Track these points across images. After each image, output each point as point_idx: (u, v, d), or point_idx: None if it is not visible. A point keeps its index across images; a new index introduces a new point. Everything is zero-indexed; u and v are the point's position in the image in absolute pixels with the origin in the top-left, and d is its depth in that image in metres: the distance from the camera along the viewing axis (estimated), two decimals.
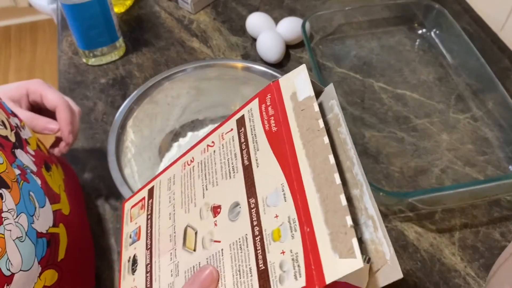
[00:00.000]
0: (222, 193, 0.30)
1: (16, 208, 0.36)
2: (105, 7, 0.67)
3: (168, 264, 0.32)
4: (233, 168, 0.30)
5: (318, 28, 0.76)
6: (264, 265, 0.25)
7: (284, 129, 0.28)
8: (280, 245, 0.25)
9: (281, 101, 0.30)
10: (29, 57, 1.94)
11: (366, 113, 0.66)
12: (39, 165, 0.43)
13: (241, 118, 0.32)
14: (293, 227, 0.25)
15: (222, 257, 0.28)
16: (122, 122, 0.54)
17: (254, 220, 0.27)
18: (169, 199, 0.35)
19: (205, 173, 0.33)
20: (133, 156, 0.55)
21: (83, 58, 0.74)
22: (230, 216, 0.29)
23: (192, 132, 0.63)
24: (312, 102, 0.28)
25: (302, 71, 0.29)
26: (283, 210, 0.26)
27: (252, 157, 0.29)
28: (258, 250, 0.26)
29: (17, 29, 2.07)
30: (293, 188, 0.26)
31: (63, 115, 0.49)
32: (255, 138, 0.30)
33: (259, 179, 0.28)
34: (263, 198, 0.27)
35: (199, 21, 0.82)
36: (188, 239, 0.31)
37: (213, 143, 0.33)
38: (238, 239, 0.27)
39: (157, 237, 0.34)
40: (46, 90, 0.50)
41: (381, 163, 0.60)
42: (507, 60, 0.72)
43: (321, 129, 0.26)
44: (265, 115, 0.30)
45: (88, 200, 0.57)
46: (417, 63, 0.73)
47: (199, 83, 0.61)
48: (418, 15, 0.78)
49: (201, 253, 0.30)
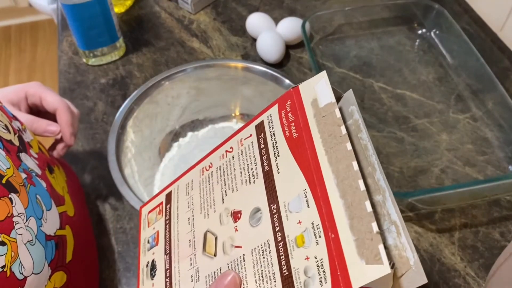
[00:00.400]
0: (242, 198, 0.30)
1: (25, 212, 0.36)
2: (105, 7, 0.67)
3: (188, 269, 0.32)
4: (253, 173, 0.30)
5: (318, 28, 0.76)
6: (288, 270, 0.25)
7: (305, 135, 0.28)
8: (304, 251, 0.25)
9: (301, 107, 0.29)
10: (29, 57, 1.94)
11: (366, 113, 0.66)
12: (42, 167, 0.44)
13: (260, 124, 0.32)
14: (317, 233, 0.25)
15: (244, 263, 0.28)
16: (122, 122, 0.54)
17: (276, 226, 0.27)
18: (188, 204, 0.35)
19: (224, 178, 0.33)
20: (133, 156, 0.55)
21: (83, 58, 0.74)
22: (251, 221, 0.29)
23: (192, 132, 0.63)
24: (333, 108, 0.28)
25: (323, 77, 0.29)
26: (307, 216, 0.26)
27: (273, 163, 0.29)
28: (281, 256, 0.26)
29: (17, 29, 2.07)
30: (316, 194, 0.26)
31: (64, 117, 0.49)
32: (275, 144, 0.30)
33: (280, 185, 0.28)
34: (285, 204, 0.27)
35: (199, 21, 0.82)
36: (208, 244, 0.32)
37: (232, 148, 0.33)
38: (260, 244, 0.28)
39: (176, 242, 0.34)
40: (45, 92, 0.50)
41: (381, 163, 0.60)
42: (507, 60, 0.72)
43: (343, 135, 0.26)
44: (285, 121, 0.30)
45: (88, 200, 0.57)
46: (417, 63, 0.73)
47: (199, 83, 0.61)
48: (418, 15, 0.78)
49: (222, 258, 0.30)
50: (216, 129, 0.63)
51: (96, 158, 0.62)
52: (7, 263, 0.33)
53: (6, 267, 0.33)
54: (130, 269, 0.52)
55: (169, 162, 0.59)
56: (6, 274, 0.33)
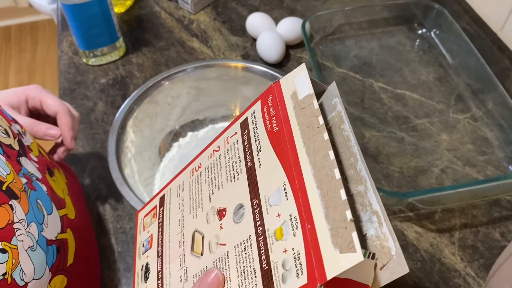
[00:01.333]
0: (227, 196, 0.30)
1: (26, 218, 0.36)
2: (105, 7, 0.67)
3: (178, 270, 0.32)
4: (237, 170, 0.30)
5: (318, 28, 0.76)
6: (267, 264, 0.25)
7: (285, 128, 0.28)
8: (283, 244, 0.25)
9: (282, 101, 0.29)
10: (29, 57, 1.94)
11: (366, 113, 0.66)
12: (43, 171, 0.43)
13: (245, 121, 0.32)
14: (295, 224, 0.24)
15: (228, 260, 0.28)
16: (122, 122, 0.54)
17: (257, 221, 0.27)
18: (179, 206, 0.35)
19: (211, 177, 0.33)
20: (133, 156, 0.55)
21: (83, 58, 0.74)
22: (235, 218, 0.29)
23: (192, 132, 0.63)
24: (311, 100, 0.28)
25: (302, 70, 0.29)
26: (285, 208, 0.25)
27: (255, 158, 0.29)
28: (261, 250, 0.26)
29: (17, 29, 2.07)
30: (294, 186, 0.26)
31: (64, 121, 0.49)
32: (257, 139, 0.30)
33: (261, 180, 0.28)
34: (266, 198, 0.27)
35: (199, 21, 0.82)
36: (195, 244, 0.32)
37: (219, 147, 0.34)
38: (242, 240, 0.27)
39: (168, 244, 0.35)
40: (45, 96, 0.50)
41: (381, 163, 0.60)
42: (507, 60, 0.72)
43: (321, 126, 0.26)
44: (267, 116, 0.30)
45: (88, 200, 0.57)
46: (417, 63, 0.73)
47: (199, 83, 0.61)
48: (418, 15, 0.78)
49: (208, 257, 0.30)
50: (216, 129, 0.63)
51: (96, 158, 0.62)
52: (8, 270, 0.33)
53: (7, 274, 0.33)
54: (130, 269, 0.52)
55: (169, 162, 0.59)
56: (7, 282, 0.33)
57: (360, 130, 0.64)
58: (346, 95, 0.69)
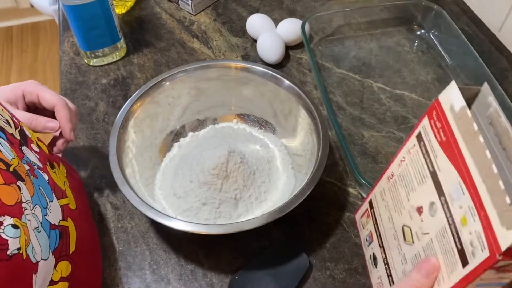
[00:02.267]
0: (420, 196, 0.39)
1: (31, 200, 0.37)
2: (106, 8, 0.68)
3: (397, 256, 0.42)
4: (424, 175, 0.39)
5: (318, 29, 0.77)
6: (460, 245, 0.33)
7: (451, 136, 0.35)
8: (468, 228, 0.32)
9: (443, 114, 0.36)
10: (31, 57, 1.95)
11: (365, 113, 0.67)
12: (44, 162, 0.44)
13: (419, 135, 0.40)
14: (473, 212, 0.32)
15: (433, 244, 0.37)
16: (123, 122, 0.55)
17: (446, 213, 0.35)
18: (385, 207, 0.45)
19: (405, 183, 0.41)
20: (134, 156, 0.55)
21: (84, 59, 0.74)
22: (430, 212, 0.37)
23: (193, 132, 0.63)
24: (465, 110, 0.34)
25: (453, 88, 0.36)
26: (464, 201, 0.33)
27: (434, 164, 0.37)
28: (454, 235, 0.34)
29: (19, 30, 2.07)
30: (467, 183, 0.33)
31: (63, 113, 0.50)
32: (433, 148, 0.37)
33: (443, 181, 0.36)
34: (449, 195, 0.35)
35: (199, 22, 0.83)
36: (406, 235, 0.41)
37: (404, 158, 0.42)
38: (440, 229, 0.36)
39: (385, 237, 0.45)
40: (42, 90, 0.50)
41: (379, 162, 0.61)
42: (505, 60, 0.73)
43: (476, 131, 0.32)
44: (435, 128, 0.37)
45: (90, 199, 0.58)
46: (415, 63, 0.74)
47: (200, 84, 0.62)
48: (417, 16, 0.78)
49: (418, 244, 0.39)
50: (216, 129, 0.64)
51: (97, 157, 0.62)
52: (22, 245, 0.34)
53: (21, 249, 0.34)
54: (131, 268, 0.52)
55: (170, 162, 0.60)
56: (23, 256, 0.34)
57: (359, 130, 0.65)
58: (345, 96, 0.69)
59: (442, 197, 0.36)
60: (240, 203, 0.54)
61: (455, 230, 0.34)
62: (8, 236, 0.33)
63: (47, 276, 0.37)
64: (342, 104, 0.68)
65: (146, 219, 0.56)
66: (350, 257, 0.53)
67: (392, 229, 0.44)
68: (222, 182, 0.53)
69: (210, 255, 0.53)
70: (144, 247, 0.54)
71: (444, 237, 0.35)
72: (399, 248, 0.42)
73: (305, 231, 0.55)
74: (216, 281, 0.51)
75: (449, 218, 0.35)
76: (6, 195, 0.34)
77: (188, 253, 0.53)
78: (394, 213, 0.43)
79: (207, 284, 0.51)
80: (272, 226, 0.52)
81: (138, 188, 0.51)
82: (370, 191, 0.48)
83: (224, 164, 0.53)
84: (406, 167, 0.41)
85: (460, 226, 0.34)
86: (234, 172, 0.53)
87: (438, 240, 0.36)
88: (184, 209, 0.53)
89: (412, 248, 0.40)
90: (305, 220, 0.56)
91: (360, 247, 0.54)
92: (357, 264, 0.53)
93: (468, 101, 0.36)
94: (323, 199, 0.58)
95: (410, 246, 0.40)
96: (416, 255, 0.39)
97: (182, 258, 0.53)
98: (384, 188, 0.45)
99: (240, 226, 0.47)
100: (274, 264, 0.50)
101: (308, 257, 0.51)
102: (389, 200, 0.44)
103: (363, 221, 0.50)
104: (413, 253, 0.40)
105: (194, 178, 0.53)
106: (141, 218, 0.56)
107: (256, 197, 0.55)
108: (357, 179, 0.54)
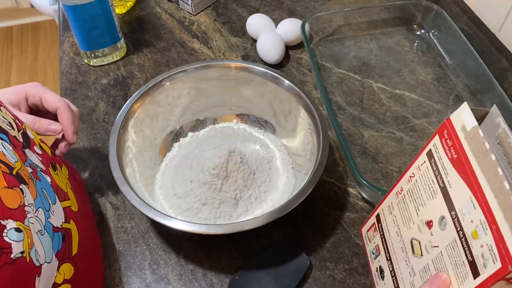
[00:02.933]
0: (430, 210, 0.40)
1: (34, 203, 0.37)
2: (106, 8, 0.68)
3: (405, 268, 0.43)
4: (434, 191, 0.39)
5: (318, 29, 0.77)
6: (471, 257, 0.34)
7: (462, 155, 0.36)
8: (479, 241, 0.33)
9: (455, 134, 0.37)
10: (31, 57, 1.95)
11: (365, 113, 0.67)
12: (46, 164, 0.44)
13: (429, 152, 0.41)
14: (485, 226, 0.33)
15: (442, 257, 0.38)
16: (123, 122, 0.55)
17: (457, 227, 0.36)
18: (393, 221, 0.45)
19: (414, 198, 0.42)
20: (134, 156, 0.55)
21: (84, 59, 0.74)
22: (440, 226, 0.38)
23: (193, 132, 0.63)
24: (477, 130, 0.35)
25: (465, 108, 0.37)
26: (475, 215, 0.34)
27: (445, 180, 0.38)
28: (465, 248, 0.35)
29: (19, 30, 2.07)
30: (478, 198, 0.34)
31: (65, 116, 0.50)
32: (443, 165, 0.38)
33: (454, 196, 0.37)
34: (460, 209, 0.36)
35: (199, 22, 0.83)
36: (415, 248, 0.42)
37: (414, 174, 0.42)
38: (450, 242, 0.37)
39: (392, 250, 0.45)
40: (45, 92, 0.50)
41: (379, 162, 0.61)
42: (505, 60, 0.73)
43: (488, 150, 0.33)
44: (446, 146, 0.38)
45: (90, 199, 0.58)
46: (415, 63, 0.74)
47: (200, 84, 0.62)
48: (417, 16, 0.78)
49: (427, 257, 0.40)
50: (216, 129, 0.64)
51: (97, 157, 0.62)
52: (25, 249, 0.34)
53: (25, 253, 0.34)
54: (131, 268, 0.52)
55: (170, 162, 0.60)
56: (26, 260, 0.34)
57: (359, 130, 0.65)
58: (345, 96, 0.69)
59: (452, 211, 0.37)
60: (240, 203, 0.54)
61: (465, 243, 0.35)
62: (11, 239, 0.33)
63: (50, 279, 0.37)
64: (342, 104, 0.68)
65: (146, 219, 0.56)
66: (350, 257, 0.53)
67: (400, 242, 0.44)
68: (222, 182, 0.53)
69: (210, 255, 0.53)
70: (144, 247, 0.54)
71: (454, 250, 0.36)
72: (407, 260, 0.43)
73: (305, 231, 0.55)
74: (216, 281, 0.51)
75: (459, 231, 0.36)
76: (9, 198, 0.34)
77: (188, 253, 0.53)
78: (403, 227, 0.44)
79: (207, 284, 0.51)
80: (272, 226, 0.52)
81: (138, 188, 0.51)
82: (377, 206, 0.49)
83: (224, 164, 0.53)
84: (415, 183, 0.42)
85: (471, 239, 0.34)
86: (234, 172, 0.53)
87: (448, 253, 0.37)
88: (184, 209, 0.53)
89: (420, 261, 0.41)
90: (305, 220, 0.56)
91: (360, 247, 0.54)
92: (357, 264, 0.53)
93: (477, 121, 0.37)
94: (323, 199, 0.58)
95: (418, 259, 0.41)
96: (425, 267, 0.40)
97: (182, 258, 0.53)
98: (392, 203, 0.46)
99: (240, 226, 0.47)
100: (274, 264, 0.50)
101: (308, 257, 0.51)
102: (397, 214, 0.45)
103: (369, 234, 0.51)
104: (421, 266, 0.40)
105: (194, 178, 0.53)
106: (141, 218, 0.56)
107: (256, 197, 0.55)
108: (357, 179, 0.54)
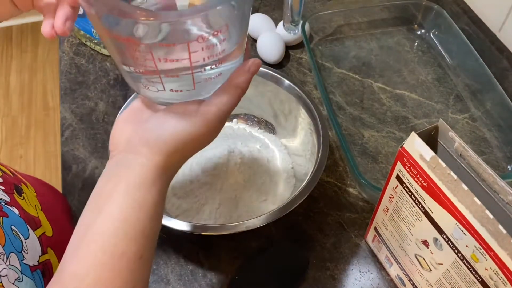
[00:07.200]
0: (421, 231, 0.39)
1: (4, 250, 0.35)
2: None
3: (421, 279, 0.43)
4: (417, 214, 0.38)
5: (318, 29, 0.77)
6: (480, 277, 0.33)
7: (432, 184, 0.34)
8: (482, 265, 0.33)
9: (415, 162, 0.36)
10: (31, 57, 1.95)
11: (365, 113, 0.67)
12: (10, 191, 0.42)
13: (398, 176, 0.39)
14: (482, 252, 0.32)
15: (450, 273, 0.37)
16: None
17: (454, 249, 0.35)
18: (392, 236, 0.45)
19: (401, 217, 0.41)
20: None
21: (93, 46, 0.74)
22: (436, 247, 0.37)
23: None
24: (438, 160, 0.33)
25: (415, 138, 0.35)
26: (468, 241, 0.33)
27: (424, 206, 0.36)
28: (470, 269, 0.34)
29: (19, 30, 2.07)
30: (465, 225, 0.33)
31: None
32: (417, 192, 0.37)
33: (439, 221, 0.35)
34: (450, 234, 0.35)
35: None
36: (422, 263, 0.41)
37: (392, 195, 0.41)
38: (452, 261, 0.36)
39: (403, 262, 0.45)
40: None
41: (380, 162, 0.61)
42: (506, 60, 0.73)
43: (457, 180, 0.32)
44: (412, 174, 0.37)
45: None
46: (416, 63, 0.74)
47: None
48: (417, 16, 0.78)
49: (435, 272, 0.39)
50: None
51: (97, 158, 0.62)
52: None
53: None
54: None
55: None
56: None
57: (359, 130, 0.64)
58: (346, 96, 0.69)
59: (443, 235, 0.35)
60: (240, 203, 0.54)
61: (469, 265, 0.34)
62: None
63: None
64: (342, 104, 0.68)
65: None
66: (350, 257, 0.53)
67: (406, 257, 0.43)
68: (222, 182, 0.53)
69: (210, 255, 0.53)
70: None
71: (460, 269, 0.35)
72: (419, 273, 0.42)
73: (305, 231, 0.55)
74: (216, 281, 0.51)
75: (458, 254, 0.35)
76: None
77: (188, 253, 0.53)
78: (403, 243, 0.43)
79: (207, 284, 0.51)
80: (272, 226, 0.51)
81: None
82: (372, 217, 0.48)
83: (224, 164, 0.53)
84: (397, 204, 0.41)
85: (472, 262, 0.34)
86: (234, 172, 0.53)
87: (455, 271, 0.36)
88: (184, 210, 0.53)
89: (432, 274, 0.40)
90: (305, 220, 0.56)
91: (360, 247, 0.54)
92: (357, 264, 0.53)
93: (434, 135, 0.36)
94: (323, 199, 0.58)
95: (429, 273, 0.40)
96: (438, 281, 0.39)
97: (182, 258, 0.53)
98: (383, 219, 0.45)
99: (240, 226, 0.47)
100: (274, 264, 0.50)
101: (308, 257, 0.51)
102: (392, 231, 0.44)
103: (375, 245, 0.51)
104: (435, 279, 0.40)
105: (194, 178, 0.53)
106: None
107: (256, 198, 0.55)
108: (357, 179, 0.53)
